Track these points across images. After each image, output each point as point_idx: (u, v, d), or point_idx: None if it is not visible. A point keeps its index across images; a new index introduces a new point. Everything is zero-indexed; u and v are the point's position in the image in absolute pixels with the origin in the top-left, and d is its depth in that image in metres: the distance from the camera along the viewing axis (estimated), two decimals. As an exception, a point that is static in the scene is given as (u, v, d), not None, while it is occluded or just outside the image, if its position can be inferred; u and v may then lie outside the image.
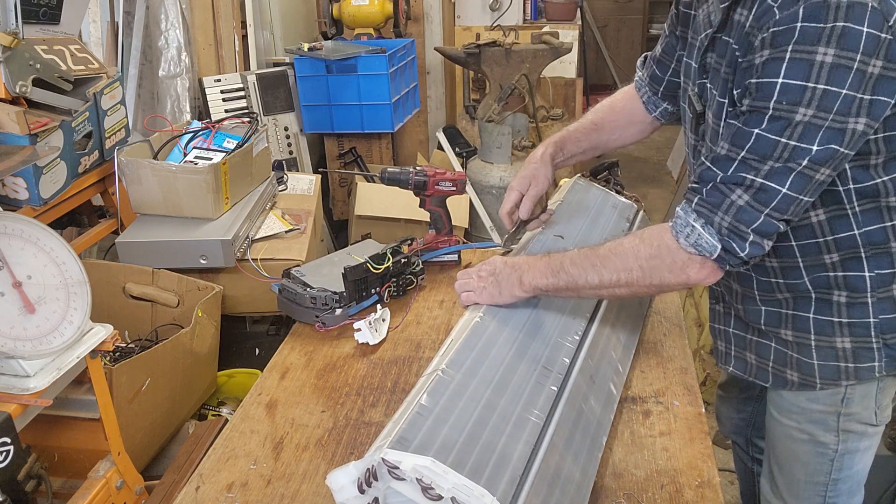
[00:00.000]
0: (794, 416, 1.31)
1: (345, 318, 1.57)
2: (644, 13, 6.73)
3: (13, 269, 1.22)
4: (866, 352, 1.21)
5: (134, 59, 2.74)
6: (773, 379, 1.31)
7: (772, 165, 1.02)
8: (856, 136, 1.00)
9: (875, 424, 1.28)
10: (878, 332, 1.20)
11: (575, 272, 1.19)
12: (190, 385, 1.79)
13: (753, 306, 1.30)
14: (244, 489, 1.15)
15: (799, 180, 1.02)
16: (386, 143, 3.44)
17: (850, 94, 0.96)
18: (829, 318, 1.21)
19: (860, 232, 1.15)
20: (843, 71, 0.95)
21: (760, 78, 1.00)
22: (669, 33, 1.43)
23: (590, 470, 1.08)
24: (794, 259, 1.20)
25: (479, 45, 3.55)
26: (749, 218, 1.05)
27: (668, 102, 1.54)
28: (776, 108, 0.99)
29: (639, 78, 1.57)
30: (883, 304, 1.19)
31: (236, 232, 1.89)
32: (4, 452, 1.15)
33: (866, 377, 1.22)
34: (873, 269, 1.17)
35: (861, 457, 1.32)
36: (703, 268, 1.11)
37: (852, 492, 1.35)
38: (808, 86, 0.96)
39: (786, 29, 0.97)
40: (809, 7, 0.95)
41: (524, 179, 1.49)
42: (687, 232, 1.10)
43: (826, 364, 1.23)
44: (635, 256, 1.14)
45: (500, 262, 1.28)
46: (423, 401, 0.98)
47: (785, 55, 0.97)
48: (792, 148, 1.00)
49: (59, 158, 1.75)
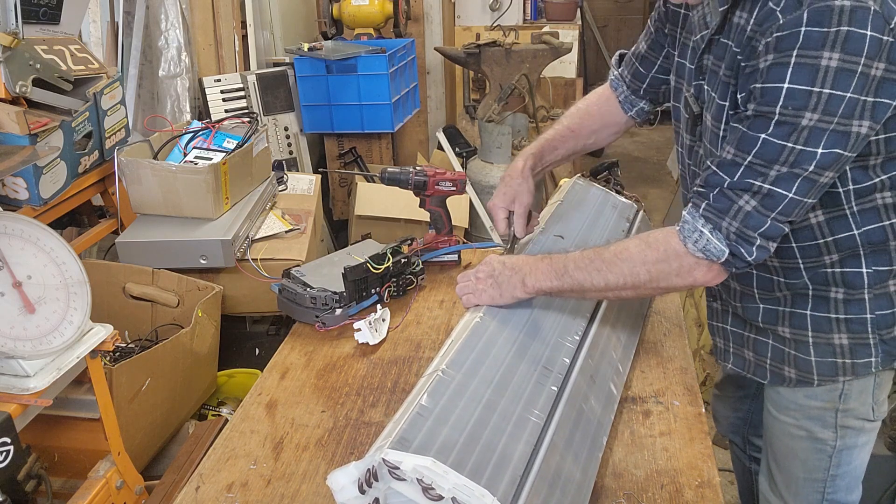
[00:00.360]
0: (791, 413, 1.32)
1: (345, 318, 1.57)
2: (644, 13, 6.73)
3: (13, 269, 1.22)
4: (863, 348, 1.22)
5: (134, 59, 2.74)
6: (770, 376, 1.32)
7: (778, 170, 1.02)
8: (859, 138, 1.00)
9: (872, 420, 1.29)
10: (875, 328, 1.21)
11: (580, 276, 1.19)
12: (190, 385, 1.79)
13: (752, 304, 1.30)
14: (244, 489, 1.15)
15: (804, 184, 1.02)
16: (386, 143, 3.44)
17: (854, 97, 0.96)
18: (827, 315, 1.22)
19: (859, 232, 1.15)
20: (847, 75, 0.95)
21: (765, 83, 1.00)
22: (656, 30, 1.42)
23: (590, 470, 1.08)
24: (794, 260, 1.21)
25: (479, 45, 3.55)
26: (756, 223, 1.06)
27: (645, 101, 1.53)
28: (782, 113, 0.99)
29: (616, 76, 1.56)
30: (880, 301, 1.20)
31: (236, 232, 1.89)
32: (4, 452, 1.15)
33: (863, 373, 1.23)
34: (871, 265, 1.18)
35: (859, 452, 1.32)
36: (709, 271, 1.12)
37: (850, 488, 1.35)
38: (813, 90, 0.96)
39: (790, 34, 0.97)
40: (813, 12, 0.95)
41: (507, 197, 1.48)
42: (695, 237, 1.10)
43: (823, 360, 1.24)
44: (642, 261, 1.14)
45: (498, 262, 1.28)
46: (424, 401, 0.98)
47: (790, 60, 0.97)
48: (798, 152, 1.00)
49: (59, 158, 1.75)
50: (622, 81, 1.54)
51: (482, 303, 1.27)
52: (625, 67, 1.53)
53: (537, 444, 1.00)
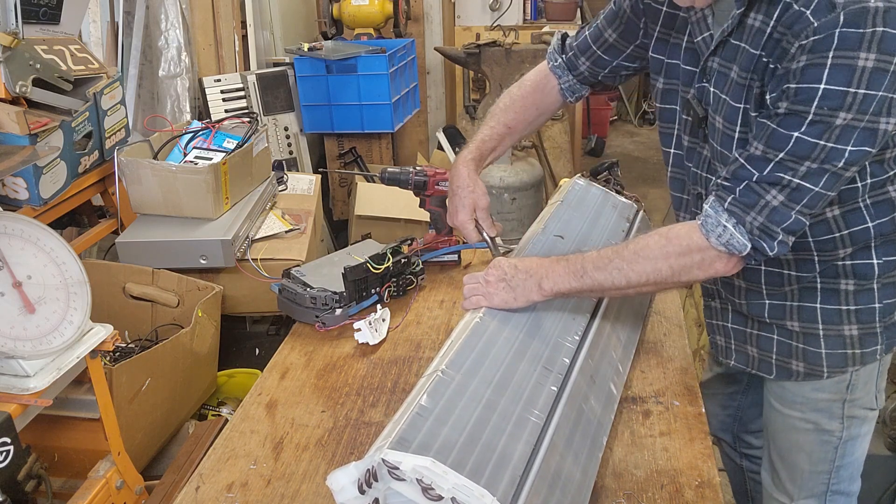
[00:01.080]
0: (798, 407, 1.33)
1: (345, 318, 1.57)
2: (644, 13, 6.72)
3: (13, 269, 1.22)
4: (871, 336, 1.25)
5: (134, 59, 2.74)
6: (777, 371, 1.33)
7: (808, 166, 1.04)
8: (886, 136, 1.03)
9: (874, 409, 1.33)
10: (881, 317, 1.24)
11: (600, 276, 1.19)
12: (190, 385, 1.79)
13: (757, 300, 1.31)
14: (244, 489, 1.15)
15: (831, 179, 1.05)
16: (386, 143, 3.44)
17: (886, 95, 0.98)
18: (837, 307, 1.24)
19: (873, 224, 1.18)
20: (881, 74, 0.97)
21: (800, 83, 1.01)
22: (628, 21, 1.37)
23: (590, 470, 1.08)
24: (809, 253, 1.22)
25: (479, 45, 3.55)
26: (780, 218, 1.07)
27: (587, 87, 1.52)
28: (817, 113, 1.00)
29: (558, 64, 1.51)
30: (887, 290, 1.23)
31: (236, 232, 1.89)
32: (4, 452, 1.15)
33: (870, 360, 1.27)
34: (881, 256, 1.21)
35: (861, 442, 1.35)
36: (729, 261, 1.14)
37: (853, 478, 1.38)
38: (849, 91, 0.98)
39: (826, 36, 0.97)
40: (850, 14, 0.96)
41: (467, 208, 1.48)
42: (719, 232, 1.11)
43: (834, 352, 1.26)
44: (665, 256, 1.15)
45: (509, 266, 1.26)
46: (424, 401, 0.98)
47: (826, 61, 0.98)
48: (829, 150, 1.02)
49: (59, 158, 1.75)
50: (567, 70, 1.51)
51: (494, 306, 1.25)
52: (577, 54, 1.48)
53: (537, 444, 1.00)
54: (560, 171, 3.89)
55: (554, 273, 1.23)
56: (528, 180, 3.44)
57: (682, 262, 1.14)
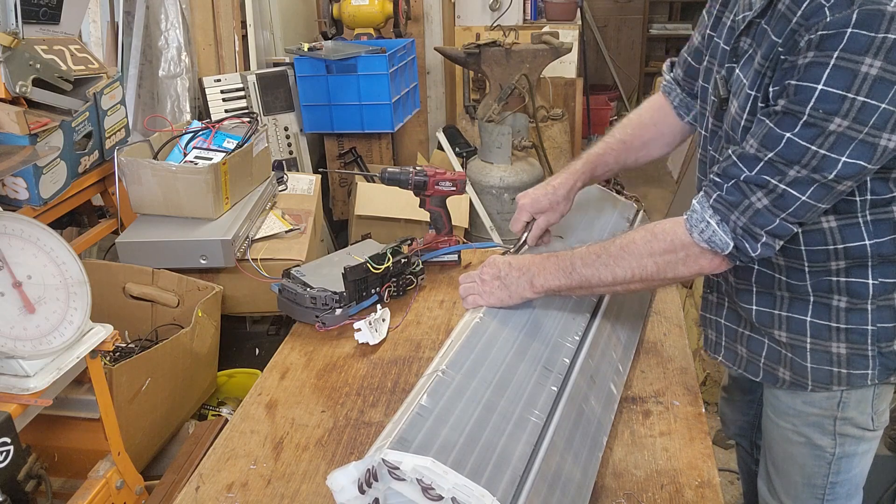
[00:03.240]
0: (789, 419, 1.30)
1: (345, 318, 1.57)
2: (644, 13, 6.72)
3: (13, 269, 1.22)
4: (861, 359, 1.20)
5: (134, 59, 2.74)
6: (763, 374, 1.30)
7: (797, 172, 1.01)
8: (886, 152, 0.98)
9: (872, 429, 1.27)
10: (875, 340, 1.19)
11: (588, 272, 1.19)
12: (190, 385, 1.79)
13: (747, 303, 1.28)
14: (244, 489, 1.15)
15: (820, 190, 1.01)
16: (386, 143, 3.44)
17: (889, 108, 0.94)
18: (827, 323, 1.20)
19: (871, 242, 1.13)
20: (886, 85, 0.93)
21: (800, 81, 0.98)
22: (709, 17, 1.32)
23: (590, 470, 1.08)
24: (800, 261, 1.19)
25: (479, 45, 3.55)
26: (764, 221, 1.06)
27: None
28: (811, 115, 0.97)
29: (667, 82, 1.50)
30: (882, 312, 1.18)
31: (236, 232, 1.89)
32: (4, 452, 1.15)
33: (859, 384, 1.21)
34: (877, 277, 1.16)
35: (859, 460, 1.31)
36: (714, 259, 1.12)
37: (850, 495, 1.34)
38: (847, 96, 0.94)
39: (836, 33, 0.94)
40: (863, 14, 0.92)
41: (540, 206, 1.45)
42: (702, 227, 1.10)
43: (819, 368, 1.22)
44: (649, 253, 1.14)
45: (503, 263, 1.27)
46: (424, 401, 0.98)
47: (829, 60, 0.94)
48: (821, 157, 0.99)
49: (59, 158, 1.75)
50: (675, 84, 1.49)
51: (490, 304, 1.26)
52: (677, 68, 1.48)
53: (537, 444, 1.00)
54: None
55: (545, 270, 1.23)
56: (529, 180, 3.44)
57: (666, 259, 1.14)
